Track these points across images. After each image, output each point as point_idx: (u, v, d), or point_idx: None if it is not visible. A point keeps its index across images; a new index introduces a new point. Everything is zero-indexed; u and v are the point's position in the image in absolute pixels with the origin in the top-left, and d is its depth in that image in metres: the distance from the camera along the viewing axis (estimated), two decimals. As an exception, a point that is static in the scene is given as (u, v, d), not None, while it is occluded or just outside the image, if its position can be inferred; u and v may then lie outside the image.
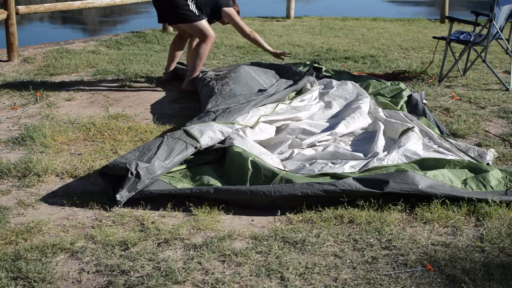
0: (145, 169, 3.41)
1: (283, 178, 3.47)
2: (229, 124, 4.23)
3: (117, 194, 3.31)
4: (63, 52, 7.44)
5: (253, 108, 4.59)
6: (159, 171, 3.49)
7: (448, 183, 3.47)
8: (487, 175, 3.55)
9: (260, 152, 3.89)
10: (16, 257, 2.76)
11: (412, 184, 3.34)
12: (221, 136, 4.03)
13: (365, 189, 3.31)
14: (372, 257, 2.85)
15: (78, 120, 4.78)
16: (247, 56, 7.66)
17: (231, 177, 3.64)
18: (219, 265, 2.76)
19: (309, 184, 3.33)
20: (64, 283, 2.61)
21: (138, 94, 5.65)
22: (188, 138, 3.85)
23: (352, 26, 10.57)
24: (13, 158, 3.97)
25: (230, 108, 4.45)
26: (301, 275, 2.68)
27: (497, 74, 6.31)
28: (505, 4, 6.04)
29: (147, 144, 3.74)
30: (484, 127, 4.88)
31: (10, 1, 6.79)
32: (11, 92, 5.62)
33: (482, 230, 3.13)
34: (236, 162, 3.70)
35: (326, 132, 4.42)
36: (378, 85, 5.62)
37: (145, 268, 2.71)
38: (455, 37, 6.45)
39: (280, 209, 3.29)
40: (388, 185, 3.31)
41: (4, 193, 3.49)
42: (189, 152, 3.75)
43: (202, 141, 3.86)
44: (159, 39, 8.53)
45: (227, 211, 3.32)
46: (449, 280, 2.66)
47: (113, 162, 3.47)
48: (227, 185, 3.52)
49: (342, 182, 3.34)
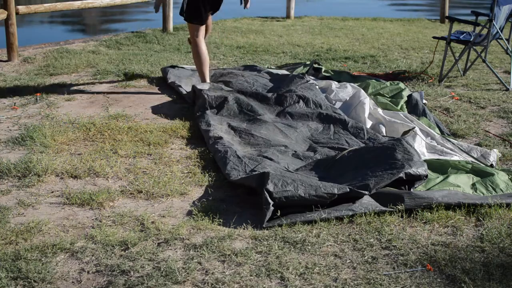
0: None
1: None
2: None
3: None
4: (63, 52, 7.44)
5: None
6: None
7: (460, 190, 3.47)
8: (495, 179, 3.56)
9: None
10: (16, 257, 2.76)
11: (427, 198, 3.33)
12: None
13: (383, 209, 3.28)
14: (372, 257, 2.85)
15: (78, 120, 4.78)
16: (247, 56, 7.66)
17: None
18: (219, 265, 2.76)
19: (335, 209, 3.28)
20: (64, 283, 2.61)
21: (138, 94, 5.65)
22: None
23: (352, 26, 10.57)
24: (13, 158, 3.96)
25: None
26: (301, 275, 2.68)
27: (497, 74, 6.31)
28: (505, 4, 6.04)
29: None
30: (484, 127, 4.88)
31: (10, 1, 6.79)
32: (11, 92, 5.62)
33: (482, 230, 3.13)
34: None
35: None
36: (378, 85, 5.62)
37: (145, 268, 2.71)
38: (455, 37, 6.45)
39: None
40: (404, 201, 3.31)
41: (4, 193, 3.49)
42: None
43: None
44: (159, 39, 8.53)
45: (227, 211, 3.32)
46: (449, 280, 2.66)
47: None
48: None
49: (359, 205, 3.29)
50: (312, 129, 4.57)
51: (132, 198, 3.49)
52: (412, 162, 3.51)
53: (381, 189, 3.40)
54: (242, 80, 5.63)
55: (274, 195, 3.22)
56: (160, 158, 4.05)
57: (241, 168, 3.73)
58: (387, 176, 3.43)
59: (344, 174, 3.63)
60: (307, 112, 4.78)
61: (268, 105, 4.98)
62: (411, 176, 3.46)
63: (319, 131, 4.54)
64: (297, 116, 4.76)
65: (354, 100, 5.07)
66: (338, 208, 3.26)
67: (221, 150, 4.00)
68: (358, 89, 5.30)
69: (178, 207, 3.38)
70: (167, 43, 8.30)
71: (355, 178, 3.52)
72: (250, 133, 4.40)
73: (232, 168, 3.75)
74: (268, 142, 4.25)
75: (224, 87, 5.39)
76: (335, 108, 4.96)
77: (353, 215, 3.23)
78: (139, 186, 3.60)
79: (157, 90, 5.83)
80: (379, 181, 3.41)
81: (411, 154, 3.58)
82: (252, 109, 4.82)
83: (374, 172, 3.51)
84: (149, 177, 3.73)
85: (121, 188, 3.58)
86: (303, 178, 3.43)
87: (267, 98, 5.04)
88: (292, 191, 3.25)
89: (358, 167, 3.66)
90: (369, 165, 3.62)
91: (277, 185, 3.27)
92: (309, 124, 4.64)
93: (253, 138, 4.33)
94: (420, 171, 3.48)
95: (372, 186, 3.38)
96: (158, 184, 3.62)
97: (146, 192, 3.53)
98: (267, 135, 4.38)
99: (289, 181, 3.30)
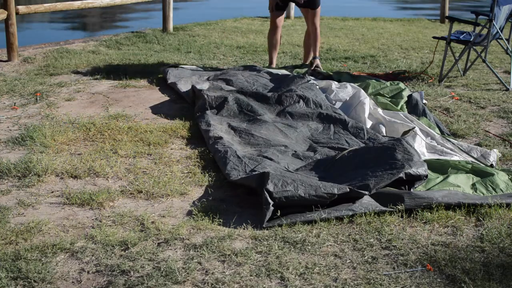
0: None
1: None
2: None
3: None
4: (63, 52, 7.44)
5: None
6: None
7: (460, 190, 3.47)
8: (495, 179, 3.56)
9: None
10: (16, 257, 2.76)
11: (427, 198, 3.33)
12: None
13: (383, 209, 3.28)
14: (372, 257, 2.85)
15: (78, 120, 4.78)
16: (247, 56, 7.66)
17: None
18: (219, 265, 2.76)
19: (335, 209, 3.28)
20: (64, 283, 2.61)
21: (138, 94, 5.65)
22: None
23: (352, 26, 10.57)
24: (13, 158, 3.96)
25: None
26: (301, 275, 2.68)
27: (497, 74, 6.31)
28: (505, 4, 6.04)
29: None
30: (484, 127, 4.88)
31: (10, 1, 6.79)
32: (11, 92, 5.62)
33: (482, 230, 3.13)
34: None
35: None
36: (378, 85, 5.62)
37: (145, 268, 2.71)
38: (455, 37, 6.45)
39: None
40: (404, 201, 3.31)
41: (4, 193, 3.49)
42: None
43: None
44: (159, 39, 8.53)
45: (227, 211, 3.32)
46: (449, 280, 2.66)
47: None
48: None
49: (359, 205, 3.29)
50: (312, 129, 4.57)
51: (132, 198, 3.49)
52: (412, 162, 3.51)
53: (381, 189, 3.40)
54: (242, 79, 5.64)
55: (274, 195, 3.22)
56: (160, 158, 4.05)
57: (241, 168, 3.73)
58: (387, 176, 3.43)
59: (344, 174, 3.63)
60: (307, 112, 4.78)
61: (268, 105, 4.98)
62: (411, 176, 3.46)
63: (319, 131, 4.54)
64: (297, 116, 4.76)
65: (354, 100, 5.07)
66: (338, 208, 3.26)
67: (221, 150, 4.00)
68: (358, 89, 5.30)
69: (178, 207, 3.38)
70: (167, 43, 8.30)
71: (355, 178, 3.51)
72: (250, 133, 4.40)
73: (232, 168, 3.75)
74: (268, 142, 4.25)
75: (224, 87, 5.39)
76: (335, 108, 4.96)
77: (353, 215, 3.23)
78: (139, 186, 3.60)
79: (157, 90, 5.83)
80: (379, 181, 3.41)
81: (411, 154, 3.58)
82: (252, 109, 4.82)
83: (374, 172, 3.51)
84: (149, 177, 3.73)
85: (121, 188, 3.58)
86: (303, 178, 3.43)
87: (267, 98, 5.04)
88: (292, 191, 3.25)
89: (358, 167, 3.66)
90: (369, 165, 3.62)
91: (277, 185, 3.27)
92: (309, 124, 4.64)
93: (253, 138, 4.33)
94: (420, 171, 3.48)
95: (372, 186, 3.38)
96: (158, 184, 3.62)
97: (146, 192, 3.53)
98: (267, 135, 4.38)
99: (289, 181, 3.30)
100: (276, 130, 4.49)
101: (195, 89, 5.25)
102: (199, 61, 7.10)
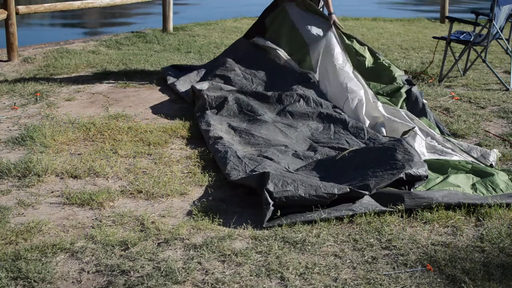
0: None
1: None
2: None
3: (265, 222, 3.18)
4: (63, 52, 7.44)
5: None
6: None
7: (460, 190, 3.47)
8: (494, 179, 3.56)
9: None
10: (16, 257, 2.76)
11: (427, 198, 3.34)
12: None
13: (383, 209, 3.28)
14: (372, 257, 2.85)
15: (78, 120, 4.78)
16: (247, 56, 7.65)
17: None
18: (219, 265, 2.76)
19: (335, 209, 3.28)
20: (64, 283, 2.61)
21: (138, 94, 5.65)
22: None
23: (352, 26, 10.56)
24: (13, 158, 3.96)
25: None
26: (301, 275, 2.68)
27: (497, 74, 6.31)
28: (505, 4, 6.04)
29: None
30: (484, 127, 4.88)
31: (10, 1, 6.79)
32: (11, 92, 5.62)
33: (482, 230, 3.13)
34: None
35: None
36: (378, 85, 5.60)
37: (145, 268, 2.71)
38: (455, 37, 6.45)
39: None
40: (404, 201, 3.31)
41: (4, 193, 3.49)
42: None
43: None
44: (159, 39, 8.52)
45: (227, 211, 3.32)
46: (449, 280, 2.66)
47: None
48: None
49: (359, 205, 3.29)
50: (312, 129, 4.57)
51: (132, 198, 3.49)
52: (413, 162, 3.51)
53: (381, 189, 3.40)
54: (240, 76, 5.59)
55: (274, 195, 3.22)
56: (160, 158, 4.05)
57: (241, 168, 3.73)
58: (388, 177, 3.43)
59: (344, 174, 3.63)
60: (307, 111, 4.79)
61: (268, 104, 4.98)
62: (412, 176, 3.46)
63: (320, 131, 4.54)
64: (297, 115, 4.77)
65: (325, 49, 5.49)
66: (338, 208, 3.26)
67: (221, 150, 4.00)
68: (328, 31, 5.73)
69: (178, 207, 3.38)
70: (167, 43, 8.30)
71: (355, 178, 3.52)
72: (250, 133, 4.40)
73: (232, 168, 3.75)
74: (268, 142, 4.25)
75: (224, 87, 5.38)
76: (335, 107, 4.96)
77: (353, 215, 3.23)
78: (139, 186, 3.60)
79: (157, 90, 5.83)
80: (379, 181, 3.41)
81: (411, 155, 3.58)
82: (252, 109, 4.82)
83: (374, 173, 3.51)
84: (149, 177, 3.73)
85: (121, 188, 3.58)
86: (303, 178, 3.43)
87: (267, 97, 5.04)
88: (292, 191, 3.25)
89: (359, 167, 3.66)
90: (370, 165, 3.62)
91: (277, 185, 3.27)
92: (309, 124, 4.64)
93: (253, 138, 4.33)
94: (421, 172, 3.48)
95: (372, 186, 3.38)
96: (158, 184, 3.62)
97: (146, 192, 3.53)
98: (267, 135, 4.38)
99: (289, 181, 3.30)
100: (276, 130, 4.49)
101: (194, 89, 5.25)
102: (199, 61, 7.09)
